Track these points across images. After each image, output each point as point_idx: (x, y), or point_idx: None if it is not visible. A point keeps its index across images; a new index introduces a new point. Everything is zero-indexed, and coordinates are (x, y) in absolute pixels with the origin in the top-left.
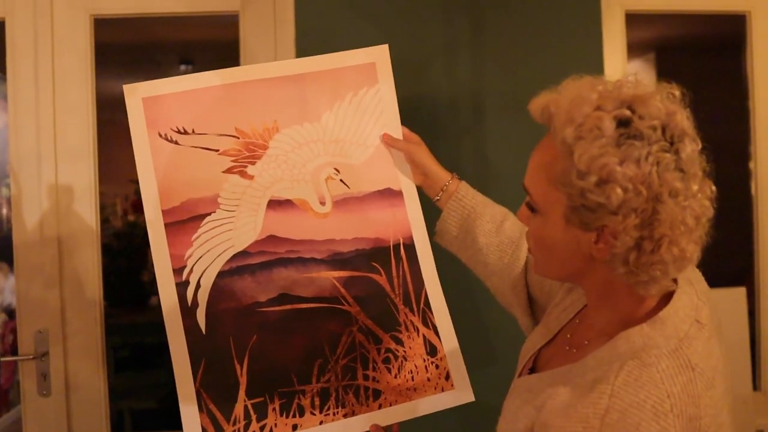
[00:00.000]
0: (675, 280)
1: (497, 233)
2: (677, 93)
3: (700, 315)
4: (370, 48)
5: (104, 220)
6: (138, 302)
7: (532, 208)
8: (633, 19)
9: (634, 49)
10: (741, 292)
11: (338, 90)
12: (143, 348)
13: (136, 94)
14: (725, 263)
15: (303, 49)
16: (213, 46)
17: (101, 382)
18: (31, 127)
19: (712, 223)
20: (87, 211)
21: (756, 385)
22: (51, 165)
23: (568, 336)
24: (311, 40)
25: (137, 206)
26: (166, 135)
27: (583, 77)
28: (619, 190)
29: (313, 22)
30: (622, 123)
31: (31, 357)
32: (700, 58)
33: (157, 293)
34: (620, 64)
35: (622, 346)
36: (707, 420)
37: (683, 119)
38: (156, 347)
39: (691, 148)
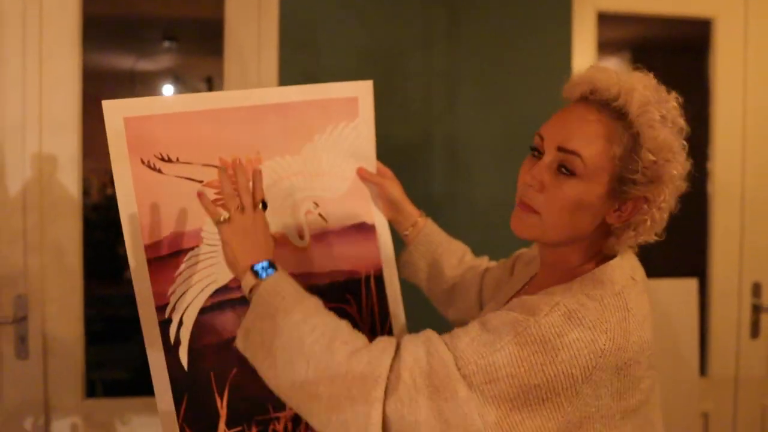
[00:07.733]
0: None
1: (460, 265)
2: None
3: (635, 274)
4: (355, 82)
5: (82, 193)
6: (113, 275)
7: (567, 171)
8: (608, 19)
9: (609, 48)
10: (693, 283)
11: (320, 122)
12: (116, 320)
13: (118, 113)
14: (680, 256)
15: (285, 33)
16: (197, 24)
17: (79, 348)
18: (18, 98)
19: (671, 218)
20: (70, 181)
21: (704, 371)
22: (35, 135)
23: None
24: (293, 25)
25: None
26: (149, 162)
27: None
28: (674, 170)
29: (296, 7)
30: (674, 119)
31: (10, 321)
32: (670, 60)
33: None
34: (590, 61)
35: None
36: (631, 354)
37: None
38: (128, 320)
39: None
